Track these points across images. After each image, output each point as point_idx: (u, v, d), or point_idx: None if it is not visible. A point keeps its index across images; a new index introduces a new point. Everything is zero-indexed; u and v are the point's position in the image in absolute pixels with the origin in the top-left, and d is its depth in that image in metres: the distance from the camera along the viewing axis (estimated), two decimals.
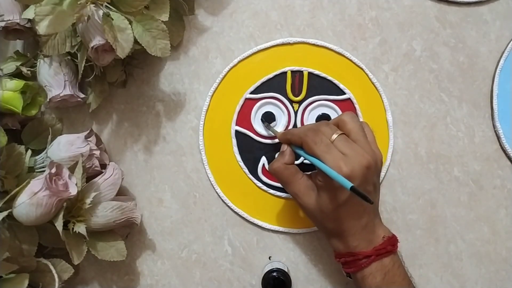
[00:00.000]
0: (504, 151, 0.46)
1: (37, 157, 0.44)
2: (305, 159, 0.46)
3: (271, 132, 0.46)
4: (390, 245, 0.38)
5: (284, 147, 0.41)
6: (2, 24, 0.42)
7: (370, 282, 0.37)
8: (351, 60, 0.47)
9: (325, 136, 0.37)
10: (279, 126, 0.47)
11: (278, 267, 0.45)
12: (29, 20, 0.42)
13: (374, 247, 0.38)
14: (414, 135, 0.47)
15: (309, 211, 0.40)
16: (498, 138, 0.46)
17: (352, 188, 0.33)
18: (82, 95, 0.46)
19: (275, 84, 0.47)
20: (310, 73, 0.47)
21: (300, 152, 0.39)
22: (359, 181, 0.35)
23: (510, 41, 0.46)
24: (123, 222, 0.43)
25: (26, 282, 0.39)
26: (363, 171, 0.35)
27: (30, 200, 0.38)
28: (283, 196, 0.47)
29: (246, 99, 0.47)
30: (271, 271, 0.45)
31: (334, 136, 0.37)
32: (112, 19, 0.38)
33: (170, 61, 0.49)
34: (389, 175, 0.47)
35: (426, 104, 0.47)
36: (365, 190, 0.37)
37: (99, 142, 0.47)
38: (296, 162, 0.46)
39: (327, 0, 0.47)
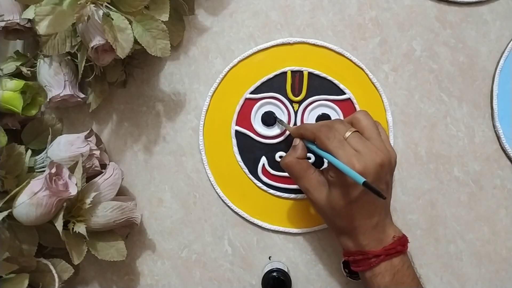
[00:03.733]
0: (504, 151, 0.46)
1: (37, 157, 0.44)
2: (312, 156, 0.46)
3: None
4: (400, 245, 0.38)
5: (297, 141, 0.41)
6: (2, 24, 0.42)
7: (378, 282, 0.37)
8: (351, 60, 0.47)
9: (338, 132, 0.37)
10: (279, 126, 0.47)
11: (278, 267, 0.45)
12: (29, 20, 0.42)
13: (384, 247, 0.37)
14: (414, 135, 0.47)
15: (319, 207, 0.39)
16: (498, 138, 0.46)
17: (364, 183, 0.32)
18: (82, 95, 0.46)
19: (275, 84, 0.47)
20: (310, 73, 0.47)
21: (313, 147, 0.39)
22: (372, 178, 0.35)
23: (510, 41, 0.46)
24: (123, 222, 0.43)
25: (26, 282, 0.39)
26: (376, 168, 0.35)
27: (30, 200, 0.38)
28: (283, 196, 0.47)
29: (246, 99, 0.47)
30: (271, 271, 0.45)
31: (348, 133, 0.37)
32: (112, 19, 0.38)
33: (170, 61, 0.49)
34: None
35: (426, 104, 0.47)
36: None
37: (99, 142, 0.47)
38: None
39: (327, 0, 0.47)
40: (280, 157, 0.47)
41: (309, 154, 0.46)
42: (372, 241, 0.38)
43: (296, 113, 0.47)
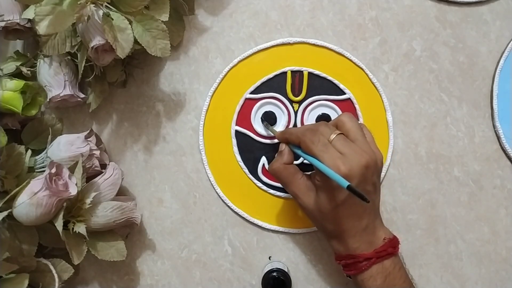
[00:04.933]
0: (504, 151, 0.46)
1: (37, 157, 0.44)
2: (304, 159, 0.46)
3: (270, 132, 0.46)
4: (391, 247, 0.38)
5: (282, 147, 0.41)
6: (2, 24, 0.42)
7: (370, 285, 0.37)
8: (351, 60, 0.47)
9: (323, 136, 0.37)
10: (279, 126, 0.47)
11: (278, 267, 0.45)
12: (29, 20, 0.42)
13: (374, 249, 0.37)
14: (414, 135, 0.47)
15: (308, 211, 0.39)
16: (498, 138, 0.46)
17: (348, 187, 0.32)
18: (82, 95, 0.46)
19: (275, 84, 0.47)
20: (310, 73, 0.47)
21: (298, 151, 0.39)
22: (358, 180, 0.35)
23: (510, 41, 0.46)
24: (123, 222, 0.43)
25: (26, 282, 0.39)
26: (361, 170, 0.35)
27: (30, 200, 0.38)
28: (283, 196, 0.47)
29: (246, 99, 0.47)
30: (271, 271, 0.45)
31: (333, 136, 0.37)
32: (112, 19, 0.38)
33: (170, 61, 0.49)
34: (389, 175, 0.47)
35: (426, 104, 0.47)
36: (364, 190, 0.36)
37: (99, 142, 0.47)
38: (296, 162, 0.46)
39: (327, 0, 0.47)
40: None
41: None
42: (363, 244, 0.37)
43: (296, 113, 0.47)
